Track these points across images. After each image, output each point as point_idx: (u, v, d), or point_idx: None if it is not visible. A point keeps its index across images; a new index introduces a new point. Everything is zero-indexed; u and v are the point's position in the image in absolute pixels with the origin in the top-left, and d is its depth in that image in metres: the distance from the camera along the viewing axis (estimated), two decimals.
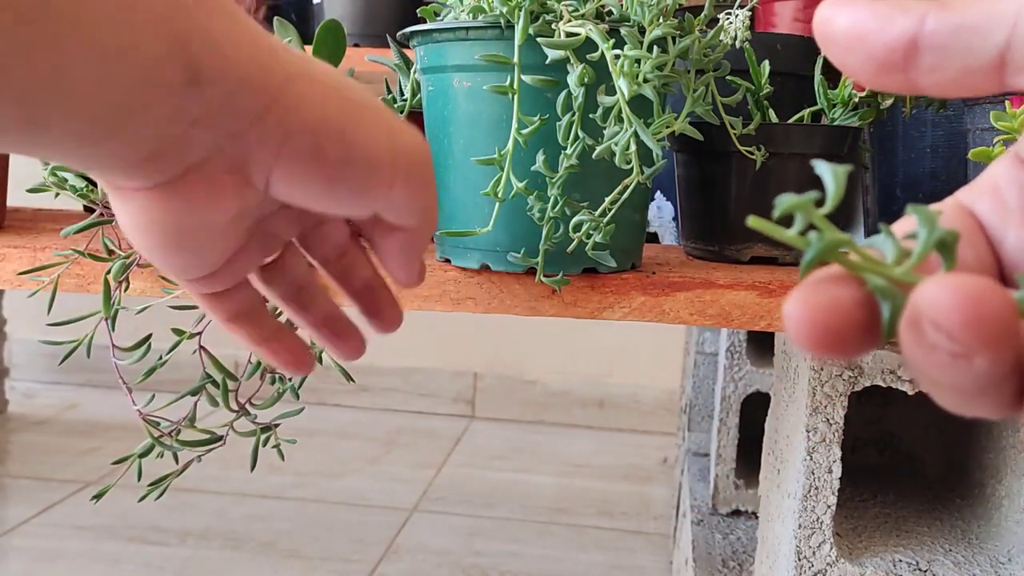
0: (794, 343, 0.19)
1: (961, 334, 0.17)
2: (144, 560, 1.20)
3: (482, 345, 1.91)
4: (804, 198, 0.18)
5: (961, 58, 0.22)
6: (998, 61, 0.21)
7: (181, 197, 0.31)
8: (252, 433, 0.59)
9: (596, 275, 0.56)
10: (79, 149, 0.28)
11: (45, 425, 1.73)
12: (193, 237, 0.32)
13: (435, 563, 1.24)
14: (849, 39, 0.23)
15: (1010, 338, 0.17)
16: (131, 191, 0.31)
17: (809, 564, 0.57)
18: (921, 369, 0.18)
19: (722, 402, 0.98)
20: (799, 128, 0.61)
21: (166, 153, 0.29)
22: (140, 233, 0.32)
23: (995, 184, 0.24)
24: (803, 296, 0.19)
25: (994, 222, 0.23)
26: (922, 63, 0.22)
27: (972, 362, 0.17)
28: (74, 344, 0.58)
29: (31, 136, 0.26)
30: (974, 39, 0.21)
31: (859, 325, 0.19)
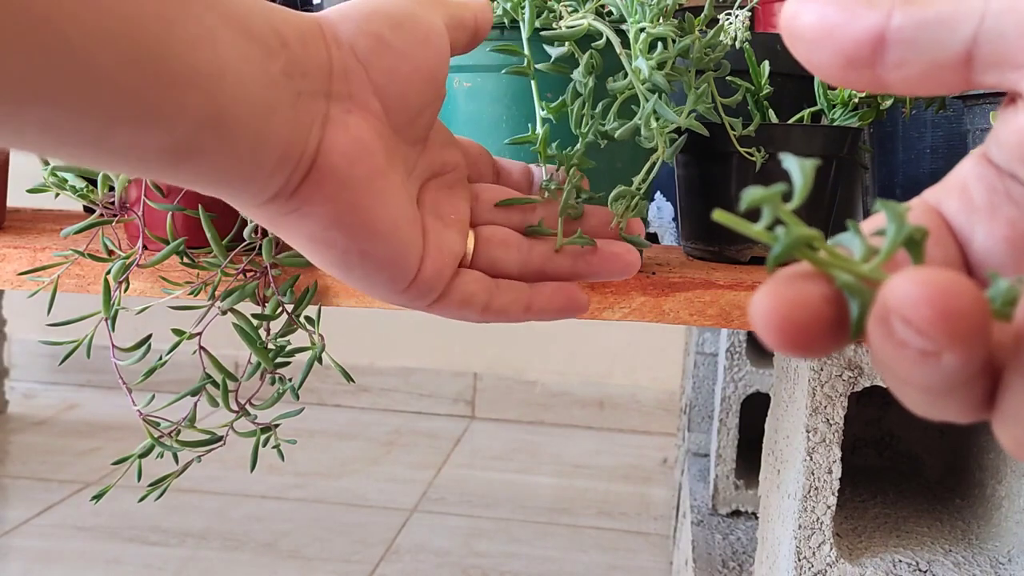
0: (763, 340, 0.19)
1: (930, 330, 0.16)
2: (144, 560, 1.20)
3: (482, 345, 1.91)
4: (770, 191, 0.18)
5: (928, 54, 0.21)
6: (964, 56, 0.21)
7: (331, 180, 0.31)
8: (252, 433, 0.59)
9: None
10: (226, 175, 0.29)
11: (45, 425, 1.73)
12: (369, 215, 0.33)
13: (435, 563, 1.24)
14: (816, 34, 0.22)
15: (980, 335, 0.17)
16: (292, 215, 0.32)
17: (809, 564, 0.57)
18: (889, 367, 0.18)
19: (722, 402, 0.98)
20: (799, 128, 0.61)
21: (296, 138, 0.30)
22: (329, 247, 0.33)
23: (963, 183, 0.23)
24: (771, 292, 0.19)
25: (961, 221, 0.23)
26: (889, 59, 0.22)
27: (941, 359, 0.17)
28: (74, 344, 0.58)
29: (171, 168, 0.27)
30: (941, 34, 0.21)
31: (828, 322, 0.19)
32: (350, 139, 0.32)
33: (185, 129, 0.26)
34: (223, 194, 0.31)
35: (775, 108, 0.62)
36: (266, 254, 0.58)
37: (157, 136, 0.26)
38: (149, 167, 0.28)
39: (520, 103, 0.52)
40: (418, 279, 0.36)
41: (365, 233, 0.33)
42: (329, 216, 0.32)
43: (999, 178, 0.23)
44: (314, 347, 0.58)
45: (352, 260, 0.34)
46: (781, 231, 0.19)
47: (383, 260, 0.34)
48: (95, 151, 0.26)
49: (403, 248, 0.35)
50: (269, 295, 0.58)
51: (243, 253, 0.59)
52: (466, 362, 1.92)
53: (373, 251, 0.34)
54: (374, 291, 0.36)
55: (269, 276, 0.58)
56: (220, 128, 0.27)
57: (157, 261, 0.57)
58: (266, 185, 0.30)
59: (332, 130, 0.31)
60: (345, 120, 0.32)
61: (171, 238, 0.58)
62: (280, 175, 0.30)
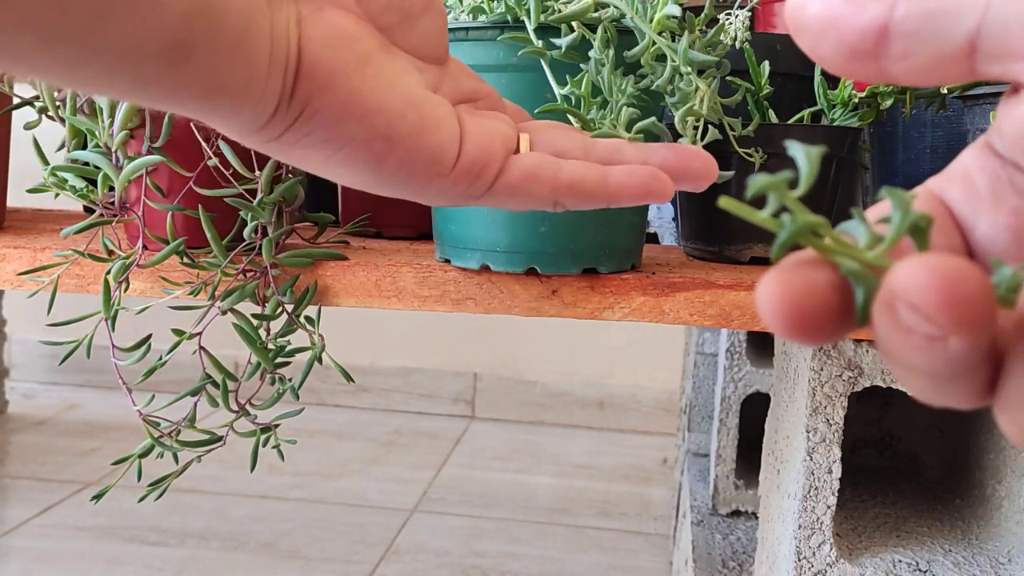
0: (769, 327, 0.19)
1: (938, 314, 0.16)
2: (144, 560, 1.20)
3: (482, 345, 1.91)
4: (777, 178, 0.18)
5: (932, 45, 0.21)
6: (968, 47, 0.21)
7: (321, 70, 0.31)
8: (252, 433, 0.59)
9: (596, 275, 0.56)
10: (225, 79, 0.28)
11: (45, 425, 1.73)
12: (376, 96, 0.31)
13: (435, 563, 1.24)
14: (821, 25, 0.22)
15: (987, 320, 0.17)
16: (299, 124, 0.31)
17: (809, 564, 0.57)
18: (895, 353, 0.18)
19: (722, 402, 0.98)
20: (799, 129, 0.61)
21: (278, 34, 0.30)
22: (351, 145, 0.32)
23: (966, 172, 0.23)
24: (777, 279, 0.19)
25: (965, 210, 0.23)
26: (893, 50, 0.22)
27: (947, 344, 0.17)
28: (74, 344, 0.58)
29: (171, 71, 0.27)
30: (944, 24, 0.21)
31: (834, 309, 0.19)
32: (328, 27, 0.31)
33: (175, 18, 0.26)
34: (228, 112, 0.30)
35: (775, 108, 0.62)
36: (266, 254, 0.58)
37: (147, 27, 0.26)
38: (146, 73, 0.27)
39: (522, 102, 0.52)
40: (462, 157, 0.34)
41: (380, 117, 0.32)
42: (335, 110, 0.31)
43: (1002, 167, 0.23)
44: (314, 347, 0.58)
45: (380, 150, 0.32)
46: (787, 218, 0.19)
47: (412, 141, 0.32)
48: (84, 51, 0.25)
49: (431, 123, 0.33)
50: (269, 295, 0.58)
51: (243, 253, 0.59)
52: (466, 362, 1.92)
53: (397, 131, 0.32)
54: (419, 182, 0.34)
55: (269, 276, 0.58)
56: (210, 17, 0.27)
57: (157, 261, 0.57)
58: (264, 91, 0.30)
59: (307, 25, 0.31)
60: (319, 16, 0.31)
61: (171, 238, 0.58)
62: (275, 78, 0.30)
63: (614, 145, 0.38)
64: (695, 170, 0.37)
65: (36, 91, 0.60)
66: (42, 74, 0.26)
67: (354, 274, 0.59)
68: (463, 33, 0.52)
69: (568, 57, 0.48)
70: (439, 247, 0.60)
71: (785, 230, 0.19)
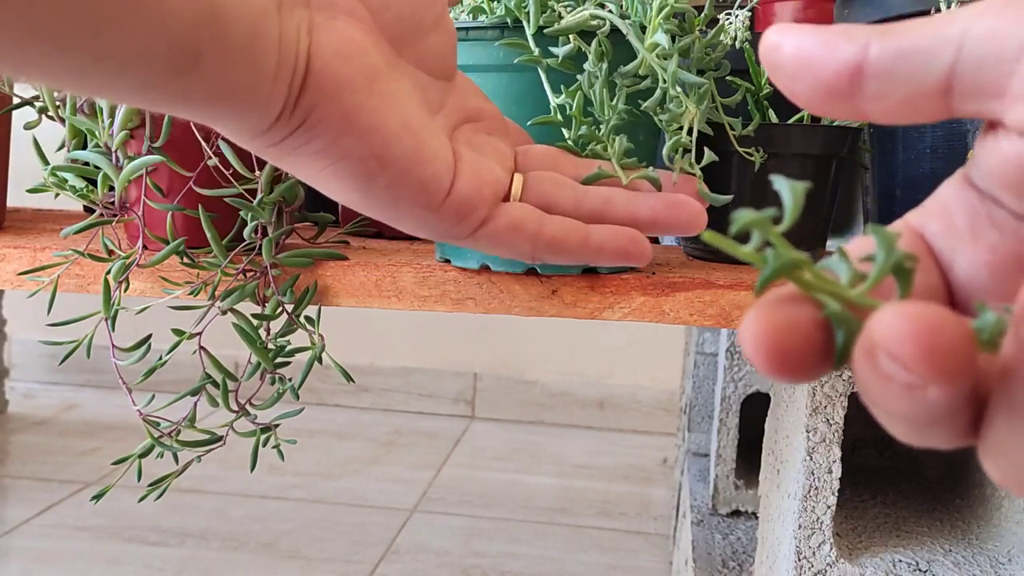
0: (751, 363, 0.19)
1: (916, 365, 0.16)
2: (144, 560, 1.20)
3: (482, 345, 1.91)
4: (761, 215, 0.18)
5: (906, 84, 0.21)
6: (943, 86, 0.21)
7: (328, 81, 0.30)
8: (252, 433, 0.59)
9: (596, 275, 0.56)
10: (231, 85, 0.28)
11: (45, 425, 1.73)
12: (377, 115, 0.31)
13: (435, 563, 1.24)
14: (795, 66, 0.22)
15: (966, 370, 0.17)
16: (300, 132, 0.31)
17: (809, 564, 0.57)
18: (875, 399, 0.18)
19: (722, 402, 0.98)
20: (799, 128, 0.61)
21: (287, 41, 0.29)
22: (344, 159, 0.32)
23: (944, 206, 0.23)
24: (760, 315, 0.19)
25: (944, 246, 0.23)
26: (868, 90, 0.22)
27: (927, 393, 0.17)
28: (74, 344, 0.58)
29: (178, 77, 0.27)
30: (919, 64, 0.21)
31: (816, 347, 0.19)
32: (339, 38, 0.31)
33: (181, 25, 0.26)
34: (233, 116, 0.30)
35: (775, 108, 0.62)
36: (266, 254, 0.58)
37: (152, 33, 0.25)
38: (152, 79, 0.27)
39: (522, 103, 0.52)
40: (452, 195, 0.34)
41: (378, 136, 0.32)
42: (336, 122, 0.31)
43: (981, 202, 0.23)
44: (314, 347, 0.58)
45: (371, 169, 0.32)
46: (770, 253, 0.19)
47: (404, 165, 0.32)
48: (90, 58, 0.25)
49: (424, 152, 0.33)
50: (269, 295, 0.58)
51: (243, 253, 0.59)
52: (466, 362, 1.92)
53: (390, 153, 0.32)
54: (404, 209, 0.34)
55: (269, 276, 0.58)
56: (216, 23, 0.27)
57: (157, 261, 0.57)
58: (270, 96, 0.30)
59: (319, 34, 0.31)
60: (331, 25, 0.31)
61: (171, 238, 0.58)
62: (281, 84, 0.30)
63: (605, 195, 0.38)
64: (684, 220, 0.39)
65: (36, 91, 0.60)
66: (49, 79, 0.26)
67: (354, 274, 0.59)
68: (463, 33, 0.52)
69: (565, 67, 0.48)
70: (439, 247, 0.60)
71: (768, 266, 0.19)
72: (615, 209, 0.38)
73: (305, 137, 0.32)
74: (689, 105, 0.47)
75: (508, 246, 0.36)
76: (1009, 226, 0.22)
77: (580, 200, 0.38)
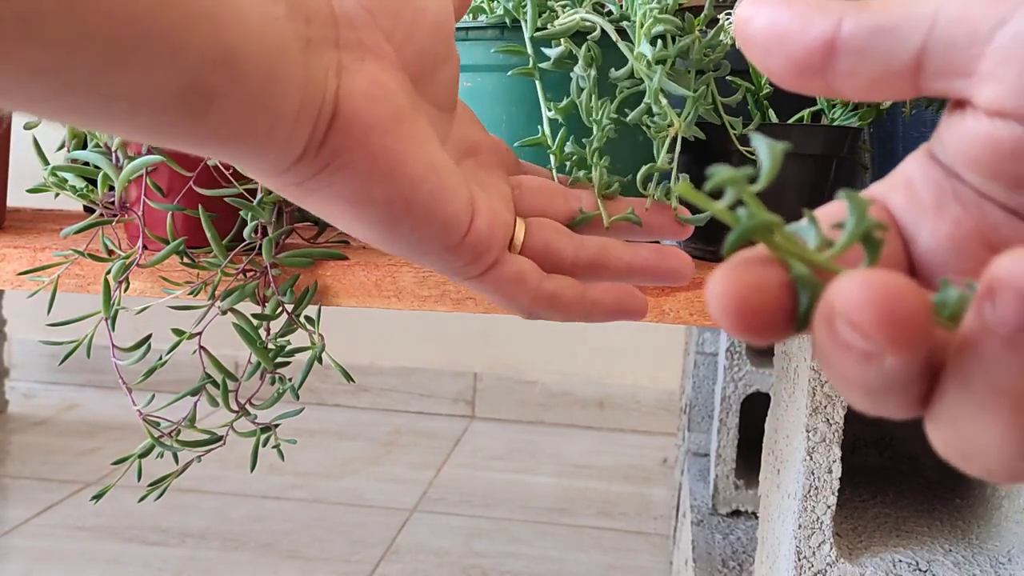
0: (717, 322, 0.19)
1: (874, 333, 0.17)
2: (144, 560, 1.20)
3: (482, 345, 1.91)
4: (738, 173, 0.18)
5: (878, 62, 0.21)
6: (914, 65, 0.21)
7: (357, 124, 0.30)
8: (252, 433, 0.59)
9: None
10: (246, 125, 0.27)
11: (45, 425, 1.73)
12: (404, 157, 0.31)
13: (435, 563, 1.24)
14: (768, 40, 0.22)
15: (923, 339, 0.17)
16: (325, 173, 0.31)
17: (809, 564, 0.57)
18: (831, 364, 0.18)
19: (722, 402, 0.98)
20: (799, 128, 0.61)
21: (313, 82, 0.29)
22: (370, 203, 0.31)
23: (909, 179, 0.23)
24: (728, 275, 0.19)
25: (908, 219, 0.23)
26: (840, 66, 0.22)
27: (883, 361, 0.17)
28: (74, 344, 0.58)
29: (190, 118, 0.26)
30: (891, 42, 0.21)
31: (782, 309, 0.19)
32: (368, 81, 0.30)
33: (193, 66, 0.25)
34: (248, 156, 0.30)
35: (775, 108, 0.62)
36: (266, 254, 0.58)
37: (162, 74, 0.25)
38: (163, 119, 0.26)
39: (521, 103, 0.52)
40: (471, 233, 0.34)
41: (405, 178, 0.31)
42: (363, 165, 0.31)
43: (945, 177, 0.23)
44: (314, 347, 0.58)
45: (397, 212, 0.32)
46: (743, 212, 0.19)
47: (429, 206, 0.32)
48: (98, 98, 0.24)
49: (448, 192, 0.33)
50: (269, 295, 0.58)
51: (243, 253, 0.59)
52: (466, 362, 1.92)
53: (417, 196, 0.32)
54: (426, 248, 0.34)
55: (269, 276, 0.58)
56: (231, 65, 0.26)
57: (157, 261, 0.57)
58: (291, 138, 0.29)
59: (348, 76, 0.30)
60: (360, 67, 0.30)
61: (171, 238, 0.58)
62: (303, 125, 0.29)
63: (602, 244, 0.39)
64: (675, 270, 0.40)
65: None
66: (55, 118, 0.25)
67: (354, 274, 0.59)
68: (463, 33, 0.52)
69: (559, 66, 0.48)
70: None
71: (740, 225, 0.19)
72: (612, 258, 0.39)
73: (330, 179, 0.31)
74: (673, 117, 0.47)
75: (510, 296, 0.37)
76: (972, 202, 0.22)
77: (578, 249, 0.39)
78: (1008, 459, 0.18)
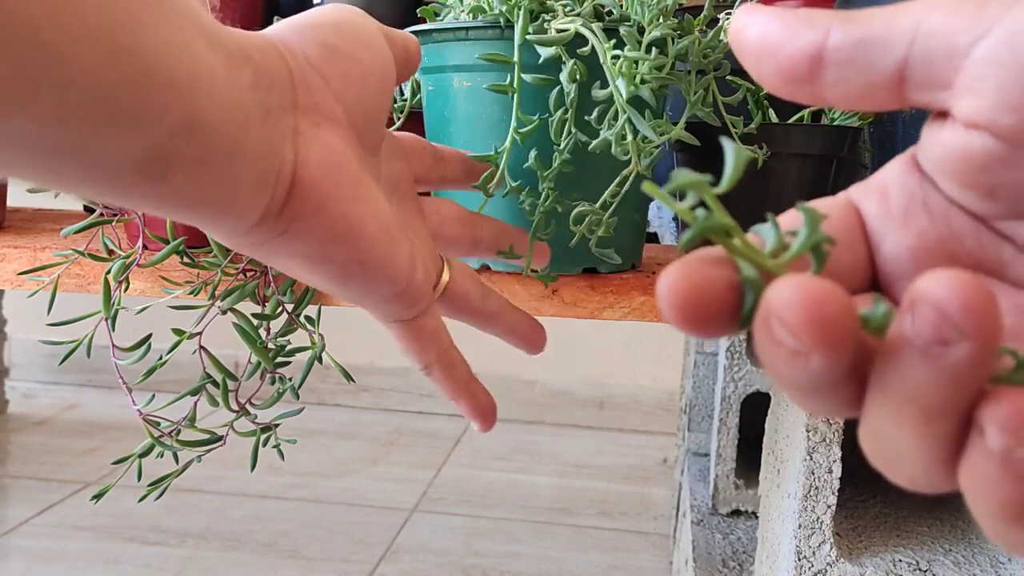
0: (664, 316, 0.20)
1: (801, 331, 0.18)
2: (144, 560, 1.20)
3: (482, 345, 1.91)
4: (700, 178, 0.19)
5: (863, 73, 0.22)
6: (897, 76, 0.22)
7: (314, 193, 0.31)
8: (252, 433, 0.59)
9: (596, 275, 0.56)
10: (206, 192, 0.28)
11: (45, 425, 1.73)
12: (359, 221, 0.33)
13: (435, 563, 1.24)
14: (759, 49, 0.23)
15: (845, 342, 0.18)
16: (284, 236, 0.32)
17: (809, 564, 0.57)
18: (767, 363, 0.19)
19: (722, 402, 0.98)
20: (799, 128, 0.61)
21: (271, 154, 0.30)
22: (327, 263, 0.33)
23: (885, 186, 0.24)
24: (678, 272, 0.19)
25: (875, 226, 0.24)
26: (827, 77, 0.22)
27: (810, 360, 0.18)
28: (74, 344, 0.58)
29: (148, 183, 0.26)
30: (875, 54, 0.22)
31: (726, 308, 0.20)
32: (324, 149, 0.32)
33: (161, 134, 0.25)
34: (208, 220, 0.30)
35: (775, 107, 0.62)
36: None
37: (133, 142, 0.25)
38: (125, 183, 0.26)
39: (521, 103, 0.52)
40: (412, 283, 0.36)
41: (361, 241, 0.33)
42: (321, 230, 0.32)
43: (920, 185, 0.23)
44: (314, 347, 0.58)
45: (353, 270, 0.34)
46: (701, 213, 0.20)
47: (381, 264, 0.34)
48: (71, 163, 0.24)
49: (395, 247, 0.35)
50: (269, 295, 0.58)
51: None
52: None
53: (370, 256, 0.34)
54: (374, 297, 0.36)
55: (269, 276, 0.58)
56: (195, 133, 0.26)
57: (157, 261, 0.57)
58: (249, 206, 0.30)
59: (304, 143, 0.31)
60: (315, 132, 0.32)
61: (171, 238, 0.58)
62: (262, 193, 0.30)
63: (501, 303, 0.45)
64: (535, 343, 0.47)
65: None
66: (9, 174, 0.25)
67: None
68: (463, 32, 0.52)
69: (540, 83, 0.49)
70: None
71: (696, 225, 0.20)
72: (503, 317, 0.45)
73: (291, 242, 0.32)
74: (633, 155, 0.47)
75: (422, 347, 0.40)
76: (941, 211, 0.23)
77: (484, 300, 0.44)
78: (923, 468, 0.19)
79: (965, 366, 0.18)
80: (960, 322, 0.17)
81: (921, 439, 0.19)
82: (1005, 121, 0.20)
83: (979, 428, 0.18)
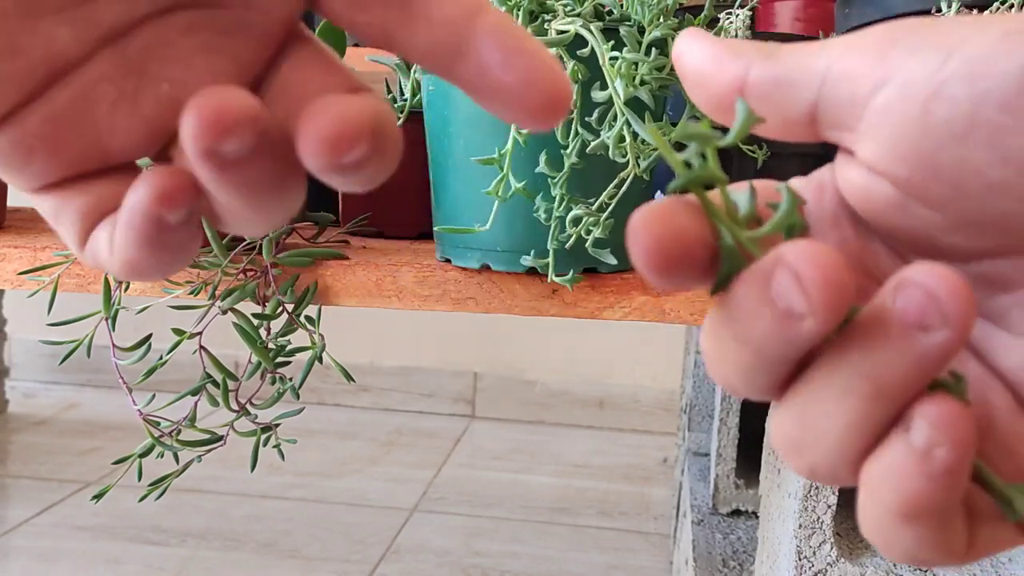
0: (631, 256, 0.20)
1: (815, 291, 0.18)
2: (144, 560, 1.20)
3: (482, 345, 1.91)
4: (709, 132, 0.19)
5: (779, 109, 0.23)
6: (809, 115, 0.22)
7: None
8: (252, 433, 0.59)
9: (596, 275, 0.56)
10: None
11: (45, 425, 1.73)
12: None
13: (435, 563, 1.24)
14: (692, 80, 0.24)
15: (843, 312, 0.18)
16: None
17: (809, 564, 0.57)
18: (740, 324, 0.19)
19: (722, 402, 0.98)
20: None
21: None
22: None
23: (822, 185, 0.24)
24: (657, 216, 0.19)
25: (811, 220, 0.24)
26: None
27: (802, 324, 0.18)
28: (74, 344, 0.58)
29: None
30: (788, 93, 0.22)
31: (695, 264, 0.20)
32: None
33: None
34: None
35: None
36: (266, 254, 0.58)
37: None
38: None
39: None
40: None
41: None
42: None
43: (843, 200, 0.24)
44: (314, 347, 0.58)
45: None
46: (696, 162, 0.20)
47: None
48: None
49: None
50: (269, 295, 0.58)
51: (243, 253, 0.59)
52: (466, 362, 1.92)
53: None
54: None
55: (269, 276, 0.58)
56: None
57: None
58: None
59: None
60: None
61: None
62: None
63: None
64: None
65: None
66: None
67: (354, 274, 0.59)
68: None
69: None
70: (439, 246, 0.60)
71: (685, 175, 0.20)
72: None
73: None
74: (631, 159, 0.47)
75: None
76: (859, 231, 0.24)
77: None
78: (836, 454, 0.20)
79: (935, 354, 0.18)
80: (947, 309, 0.18)
81: (854, 421, 0.19)
82: (898, 171, 0.21)
83: (906, 424, 0.19)
